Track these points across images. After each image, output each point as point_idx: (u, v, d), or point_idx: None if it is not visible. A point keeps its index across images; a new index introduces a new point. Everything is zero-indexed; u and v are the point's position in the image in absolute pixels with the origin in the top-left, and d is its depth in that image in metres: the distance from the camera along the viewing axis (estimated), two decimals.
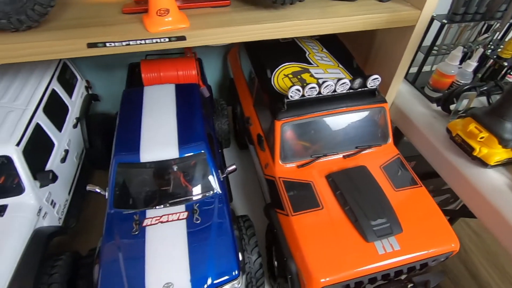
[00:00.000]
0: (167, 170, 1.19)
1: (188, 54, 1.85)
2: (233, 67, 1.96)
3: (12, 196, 1.14)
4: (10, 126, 1.18)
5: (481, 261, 2.78)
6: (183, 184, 1.20)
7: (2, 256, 1.01)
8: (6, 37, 0.97)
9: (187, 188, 1.20)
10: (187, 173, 1.21)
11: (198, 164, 1.22)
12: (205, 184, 1.22)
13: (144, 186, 1.18)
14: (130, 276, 0.99)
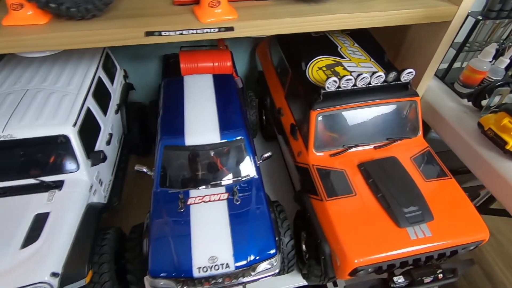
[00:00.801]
0: (209, 153, 1.27)
1: (221, 46, 1.93)
2: (263, 61, 2.02)
3: (68, 173, 1.24)
4: (67, 108, 1.28)
5: (496, 261, 2.78)
6: (223, 167, 1.28)
7: (64, 225, 1.11)
8: (74, 24, 1.06)
9: (227, 171, 1.28)
10: (227, 157, 1.29)
11: (237, 149, 1.30)
12: (243, 168, 1.30)
13: (187, 167, 1.26)
14: (178, 248, 1.08)
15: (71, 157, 1.24)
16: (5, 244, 1.03)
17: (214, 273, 1.05)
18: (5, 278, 0.98)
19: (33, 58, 1.50)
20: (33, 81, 1.40)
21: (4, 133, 1.17)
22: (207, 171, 1.27)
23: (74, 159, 1.24)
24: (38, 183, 1.20)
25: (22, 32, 1.03)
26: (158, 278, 1.05)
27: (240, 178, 1.28)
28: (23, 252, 1.03)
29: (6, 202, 1.14)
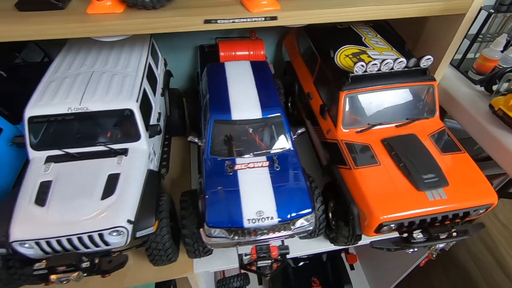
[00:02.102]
0: (252, 127, 1.46)
1: (253, 37, 2.12)
2: (290, 51, 2.21)
3: (132, 142, 1.44)
4: (129, 87, 1.49)
5: (508, 251, 2.92)
6: (264, 139, 1.47)
7: (132, 184, 1.32)
8: (145, 13, 1.25)
9: (267, 143, 1.47)
10: (267, 130, 1.48)
11: (276, 124, 1.49)
12: (281, 141, 1.48)
13: (233, 139, 1.46)
14: (230, 204, 1.27)
15: (134, 128, 1.44)
16: (89, 196, 1.24)
17: (261, 224, 1.24)
18: (92, 221, 1.19)
19: (91, 44, 1.72)
20: (96, 64, 1.60)
21: (81, 106, 1.38)
22: (250, 142, 1.46)
23: (137, 130, 1.44)
24: (107, 150, 1.40)
25: (103, 19, 1.23)
26: (214, 227, 1.25)
27: (278, 149, 1.47)
28: (103, 203, 1.23)
29: (85, 164, 1.35)
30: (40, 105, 1.37)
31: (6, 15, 1.22)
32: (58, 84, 1.48)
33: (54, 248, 1.18)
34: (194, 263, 1.58)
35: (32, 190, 1.25)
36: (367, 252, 3.23)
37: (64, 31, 1.22)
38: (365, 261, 3.28)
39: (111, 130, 1.43)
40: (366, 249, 3.31)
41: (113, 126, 1.43)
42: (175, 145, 2.10)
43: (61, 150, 1.38)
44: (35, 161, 1.36)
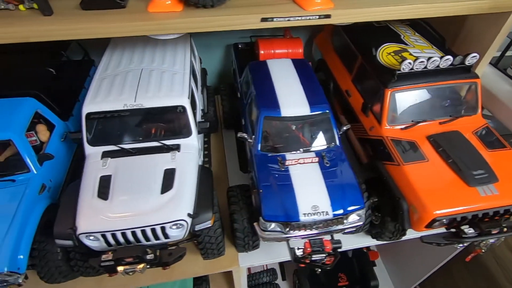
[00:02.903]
0: (301, 123, 1.49)
1: (288, 35, 2.14)
2: (323, 49, 2.23)
3: (183, 138, 1.47)
4: (179, 84, 1.52)
5: None
6: (313, 136, 1.50)
7: (188, 179, 1.34)
8: (203, 12, 1.28)
9: (315, 139, 1.50)
10: (315, 127, 1.50)
11: (324, 121, 1.51)
12: (328, 137, 1.51)
13: (283, 135, 1.48)
14: (285, 199, 1.30)
15: (186, 125, 1.47)
16: (149, 190, 1.27)
17: (316, 218, 1.27)
18: (154, 215, 1.22)
19: (135, 42, 1.76)
20: (144, 62, 1.64)
21: (136, 102, 1.41)
22: (299, 139, 1.48)
23: (188, 126, 1.47)
24: (160, 145, 1.43)
25: (163, 17, 1.26)
26: (270, 221, 1.28)
27: (326, 145, 1.49)
28: (163, 197, 1.27)
29: (140, 159, 1.38)
30: (97, 101, 1.41)
31: (70, 13, 1.25)
32: (110, 81, 1.51)
33: (117, 241, 1.22)
34: (240, 257, 1.62)
35: (93, 184, 1.29)
36: (388, 249, 3.25)
37: (127, 29, 1.25)
38: (386, 258, 3.30)
39: (164, 126, 1.47)
40: (388, 246, 3.33)
41: (166, 122, 1.47)
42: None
43: (116, 146, 1.41)
44: (92, 156, 1.40)
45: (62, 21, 1.21)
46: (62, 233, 1.20)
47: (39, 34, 1.20)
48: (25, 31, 1.18)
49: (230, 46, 2.44)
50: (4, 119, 1.38)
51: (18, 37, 1.19)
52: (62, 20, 1.22)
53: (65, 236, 1.20)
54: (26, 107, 1.45)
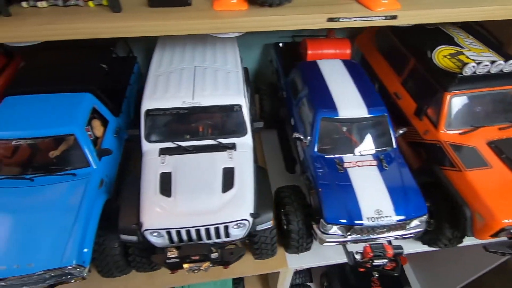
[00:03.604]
0: (358, 125, 1.47)
1: (332, 36, 2.11)
2: (366, 50, 2.19)
3: (239, 137, 1.46)
4: (234, 83, 1.51)
5: None
6: (370, 138, 1.47)
7: (246, 178, 1.33)
8: (269, 11, 1.27)
9: (373, 141, 1.47)
10: (372, 130, 1.48)
11: (381, 123, 1.48)
12: (386, 140, 1.48)
13: (340, 136, 1.47)
14: (347, 202, 1.28)
15: (242, 123, 1.46)
16: (211, 189, 1.27)
17: (380, 223, 1.25)
18: (218, 213, 1.22)
19: (184, 40, 1.76)
20: (196, 60, 1.64)
21: (194, 100, 1.41)
22: (356, 141, 1.46)
23: (244, 125, 1.46)
24: (217, 144, 1.43)
25: (229, 16, 1.26)
26: (332, 224, 1.26)
27: (383, 148, 1.47)
28: (225, 196, 1.26)
29: (198, 157, 1.38)
30: (156, 98, 1.42)
31: (137, 10, 1.25)
32: (165, 78, 1.52)
33: (181, 238, 1.22)
34: (288, 258, 1.60)
35: (154, 181, 1.29)
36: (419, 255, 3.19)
37: (193, 27, 1.24)
38: (415, 263, 3.24)
39: (221, 125, 1.46)
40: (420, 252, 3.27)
41: (222, 121, 1.46)
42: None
43: (173, 143, 1.42)
44: (149, 153, 1.40)
45: (130, 18, 1.22)
46: (127, 228, 1.20)
47: (108, 30, 1.21)
48: (95, 27, 1.19)
49: (269, 45, 2.43)
50: (66, 114, 1.40)
51: (88, 33, 1.20)
52: (130, 17, 1.22)
53: (130, 231, 1.20)
54: (85, 102, 1.46)
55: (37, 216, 1.21)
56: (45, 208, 1.24)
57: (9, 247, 1.14)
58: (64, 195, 1.29)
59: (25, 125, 1.34)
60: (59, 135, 1.35)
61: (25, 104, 1.43)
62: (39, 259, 1.13)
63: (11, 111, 1.40)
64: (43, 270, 1.13)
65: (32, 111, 1.39)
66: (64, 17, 1.19)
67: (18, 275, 1.12)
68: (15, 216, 1.22)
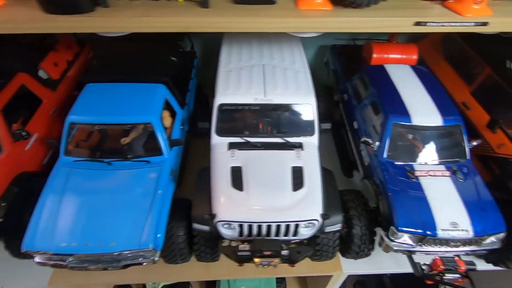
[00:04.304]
0: (432, 133, 1.42)
1: (395, 40, 2.06)
2: (429, 56, 2.12)
3: (306, 136, 1.46)
4: (305, 83, 1.52)
5: None
6: (443, 148, 1.43)
7: (315, 178, 1.33)
8: (353, 12, 1.26)
9: (446, 151, 1.43)
10: (446, 139, 1.43)
11: (455, 133, 1.43)
12: (460, 151, 1.43)
13: (411, 144, 1.43)
14: (420, 211, 1.25)
15: (311, 123, 1.46)
16: (282, 186, 1.28)
17: (455, 236, 1.21)
18: (289, 211, 1.22)
19: (249, 37, 1.79)
20: (264, 58, 1.66)
21: (266, 98, 1.43)
22: (428, 149, 1.42)
23: (313, 125, 1.47)
24: (284, 142, 1.44)
25: (314, 15, 1.26)
26: (403, 232, 1.23)
27: (456, 159, 1.42)
28: (296, 194, 1.27)
29: (266, 154, 1.39)
30: (228, 93, 1.45)
31: (224, 6, 1.28)
32: (236, 74, 1.55)
33: (251, 232, 1.24)
34: (343, 263, 1.58)
35: (226, 174, 1.32)
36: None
37: (277, 25, 1.25)
38: None
39: (289, 123, 1.47)
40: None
41: (291, 120, 1.47)
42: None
43: (242, 138, 1.44)
44: (218, 146, 1.44)
45: (217, 14, 1.24)
46: (200, 218, 1.24)
47: (197, 25, 1.24)
48: (186, 21, 1.23)
49: (324, 46, 2.41)
50: (144, 103, 1.46)
51: (180, 27, 1.24)
52: (217, 13, 1.25)
53: (202, 221, 1.24)
54: (160, 93, 1.52)
55: (117, 198, 1.28)
56: (123, 192, 1.30)
57: (92, 225, 1.21)
58: (140, 181, 1.34)
59: (106, 112, 1.41)
60: (137, 123, 1.41)
61: (105, 91, 1.51)
62: (120, 239, 1.19)
63: (92, 97, 1.49)
64: (123, 250, 1.19)
65: (112, 99, 1.47)
66: (156, 10, 1.25)
67: (100, 252, 1.19)
68: (96, 196, 1.29)
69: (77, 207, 1.25)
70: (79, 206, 1.25)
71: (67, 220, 1.22)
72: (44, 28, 1.22)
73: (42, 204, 1.26)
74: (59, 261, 1.23)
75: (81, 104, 1.44)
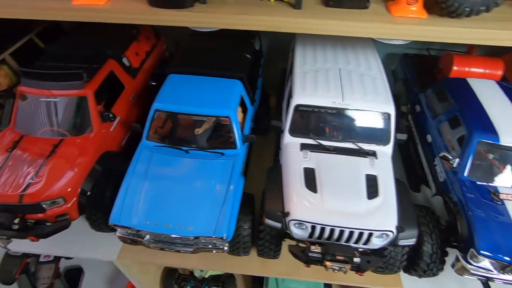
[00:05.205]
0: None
1: (475, 53, 1.96)
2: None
3: (380, 145, 1.43)
4: (384, 90, 1.48)
5: None
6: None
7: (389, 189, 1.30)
8: (452, 22, 1.21)
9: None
10: None
11: None
12: None
13: (496, 165, 1.35)
14: (505, 235, 1.17)
15: (387, 132, 1.43)
16: (356, 193, 1.27)
17: None
18: (364, 219, 1.20)
19: (323, 40, 1.78)
20: (339, 62, 1.64)
21: (343, 102, 1.42)
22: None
23: (389, 134, 1.43)
24: (357, 148, 1.42)
25: (406, 22, 1.23)
26: (485, 257, 1.17)
27: None
28: (371, 203, 1.25)
29: (339, 159, 1.38)
30: (306, 95, 1.46)
31: (315, 8, 1.29)
32: (313, 76, 1.55)
33: (322, 235, 1.24)
34: (403, 279, 1.53)
35: (299, 174, 1.33)
36: None
37: (369, 30, 1.24)
38: None
39: (365, 130, 1.45)
40: None
41: (367, 127, 1.45)
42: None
43: (315, 140, 1.45)
44: (291, 145, 1.45)
45: (309, 15, 1.26)
46: (273, 214, 1.26)
47: (289, 25, 1.26)
48: (278, 21, 1.26)
49: (392, 55, 2.34)
50: (222, 97, 1.52)
51: (273, 26, 1.27)
52: (309, 14, 1.26)
53: (275, 218, 1.26)
54: (237, 89, 1.57)
55: (194, 186, 1.35)
56: (200, 180, 1.36)
57: (173, 208, 1.28)
58: (215, 171, 1.40)
59: (189, 102, 1.49)
60: (216, 116, 1.47)
61: (186, 83, 1.59)
62: (197, 224, 1.25)
63: (175, 87, 1.57)
64: (199, 235, 1.25)
65: (193, 91, 1.54)
66: (250, 9, 1.29)
67: (178, 235, 1.25)
68: (176, 181, 1.36)
69: (159, 189, 1.34)
70: (160, 189, 1.34)
71: (150, 201, 1.30)
72: (148, 20, 1.32)
73: (127, 183, 1.36)
74: (137, 237, 1.32)
75: (165, 93, 1.53)
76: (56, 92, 1.53)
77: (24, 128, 1.55)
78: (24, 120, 1.56)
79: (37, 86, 1.53)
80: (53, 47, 1.76)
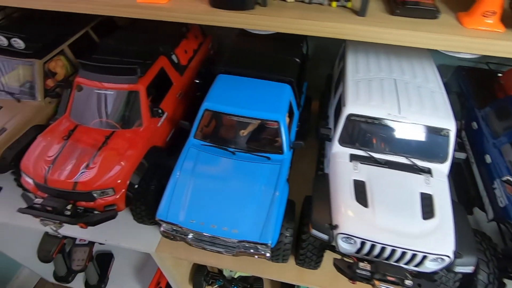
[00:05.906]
0: None
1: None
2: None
3: (436, 163, 1.35)
4: (443, 105, 1.40)
5: None
6: None
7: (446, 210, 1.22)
8: None
9: None
10: None
11: None
12: None
13: None
14: None
15: (445, 150, 1.35)
16: (410, 211, 1.20)
17: None
18: (418, 240, 1.14)
19: (376, 48, 1.72)
20: (394, 72, 1.57)
21: (400, 115, 1.36)
22: None
23: (447, 152, 1.35)
24: (411, 164, 1.36)
25: (480, 36, 1.15)
26: None
27: None
28: (427, 224, 1.18)
29: (392, 173, 1.32)
30: (360, 104, 1.41)
31: (380, 16, 1.24)
32: (366, 85, 1.50)
33: (371, 252, 1.19)
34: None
35: (349, 186, 1.28)
36: None
37: (439, 42, 1.17)
38: None
39: (421, 146, 1.37)
40: None
41: (423, 142, 1.37)
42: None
43: (365, 152, 1.40)
44: (340, 155, 1.41)
45: (375, 24, 1.19)
46: (321, 226, 1.23)
47: (351, 32, 1.21)
48: (340, 27, 1.22)
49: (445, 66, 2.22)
50: (272, 101, 1.50)
51: (333, 33, 1.23)
52: (375, 23, 1.20)
53: (323, 229, 1.22)
54: (286, 93, 1.55)
55: (241, 188, 1.34)
56: (246, 183, 1.35)
57: (220, 209, 1.28)
58: (262, 175, 1.38)
59: (239, 104, 1.48)
60: (265, 119, 1.46)
61: (236, 84, 1.58)
62: (243, 228, 1.25)
63: (225, 88, 1.57)
64: (244, 239, 1.24)
65: (243, 92, 1.54)
66: (311, 14, 1.26)
67: (223, 236, 1.25)
68: (222, 182, 1.36)
69: (205, 188, 1.34)
70: (206, 188, 1.34)
71: (197, 199, 1.31)
72: (208, 20, 1.32)
73: (175, 180, 1.37)
74: (181, 234, 1.33)
75: (215, 93, 1.54)
76: (111, 85, 1.58)
77: (78, 118, 1.62)
78: (79, 110, 1.63)
79: (94, 78, 1.58)
80: (108, 41, 1.82)
